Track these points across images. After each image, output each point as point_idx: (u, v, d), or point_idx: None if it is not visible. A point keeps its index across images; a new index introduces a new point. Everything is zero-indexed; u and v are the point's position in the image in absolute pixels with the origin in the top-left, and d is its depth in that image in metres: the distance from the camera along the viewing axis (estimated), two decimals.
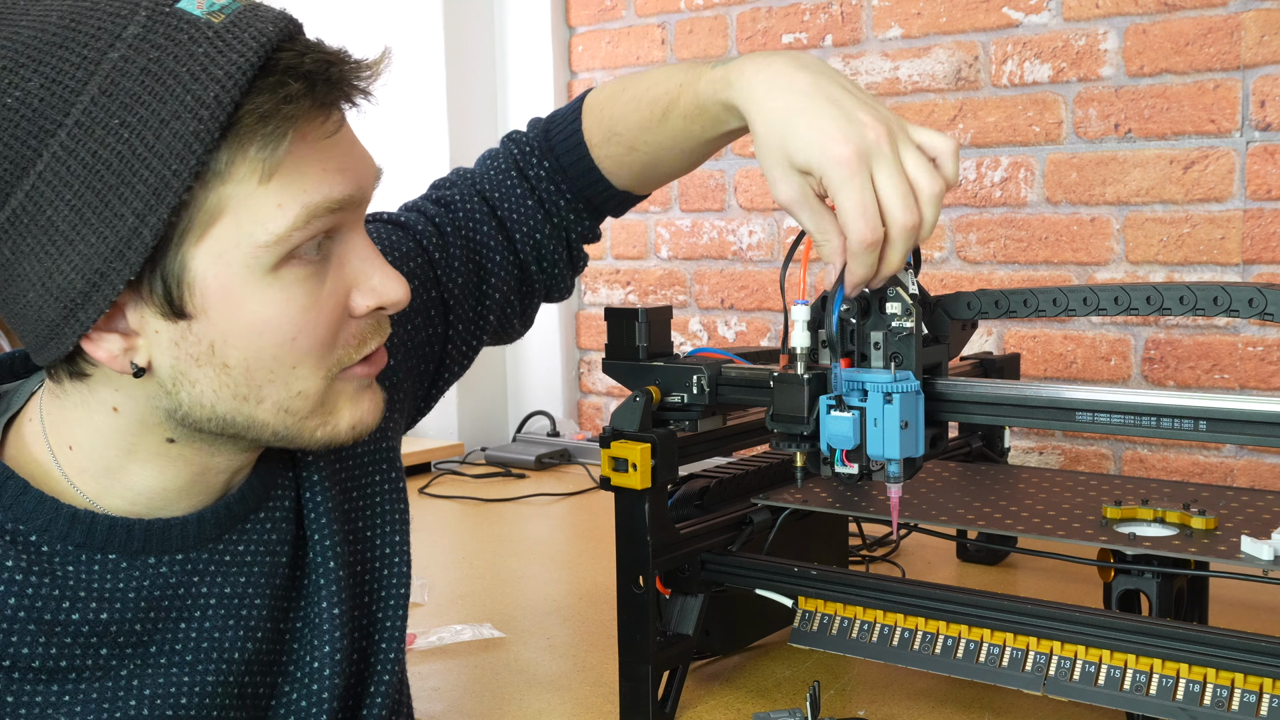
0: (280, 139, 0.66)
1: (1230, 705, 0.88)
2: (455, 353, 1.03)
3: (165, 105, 0.64)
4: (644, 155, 1.02)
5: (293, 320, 0.70)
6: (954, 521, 1.15)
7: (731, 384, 1.10)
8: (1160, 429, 0.89)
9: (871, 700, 1.13)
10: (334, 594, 0.84)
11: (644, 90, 0.99)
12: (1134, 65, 1.87)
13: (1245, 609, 1.32)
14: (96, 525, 0.73)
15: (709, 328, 2.40)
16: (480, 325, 1.04)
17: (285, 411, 0.72)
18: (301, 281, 0.70)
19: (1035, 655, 0.97)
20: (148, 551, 0.75)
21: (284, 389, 0.71)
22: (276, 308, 0.69)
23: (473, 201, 1.04)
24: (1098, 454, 1.97)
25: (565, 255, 1.08)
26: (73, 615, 0.71)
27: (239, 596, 0.79)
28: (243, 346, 0.69)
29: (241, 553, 0.80)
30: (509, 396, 2.63)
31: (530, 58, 2.55)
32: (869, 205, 0.85)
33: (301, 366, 0.71)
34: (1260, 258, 1.79)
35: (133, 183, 0.64)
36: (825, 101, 0.87)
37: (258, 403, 0.71)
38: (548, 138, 1.06)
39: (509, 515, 1.97)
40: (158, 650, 0.76)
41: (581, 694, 1.19)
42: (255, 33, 0.66)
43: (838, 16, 2.17)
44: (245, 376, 0.70)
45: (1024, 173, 1.99)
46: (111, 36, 0.65)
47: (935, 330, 0.99)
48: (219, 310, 0.68)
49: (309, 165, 0.68)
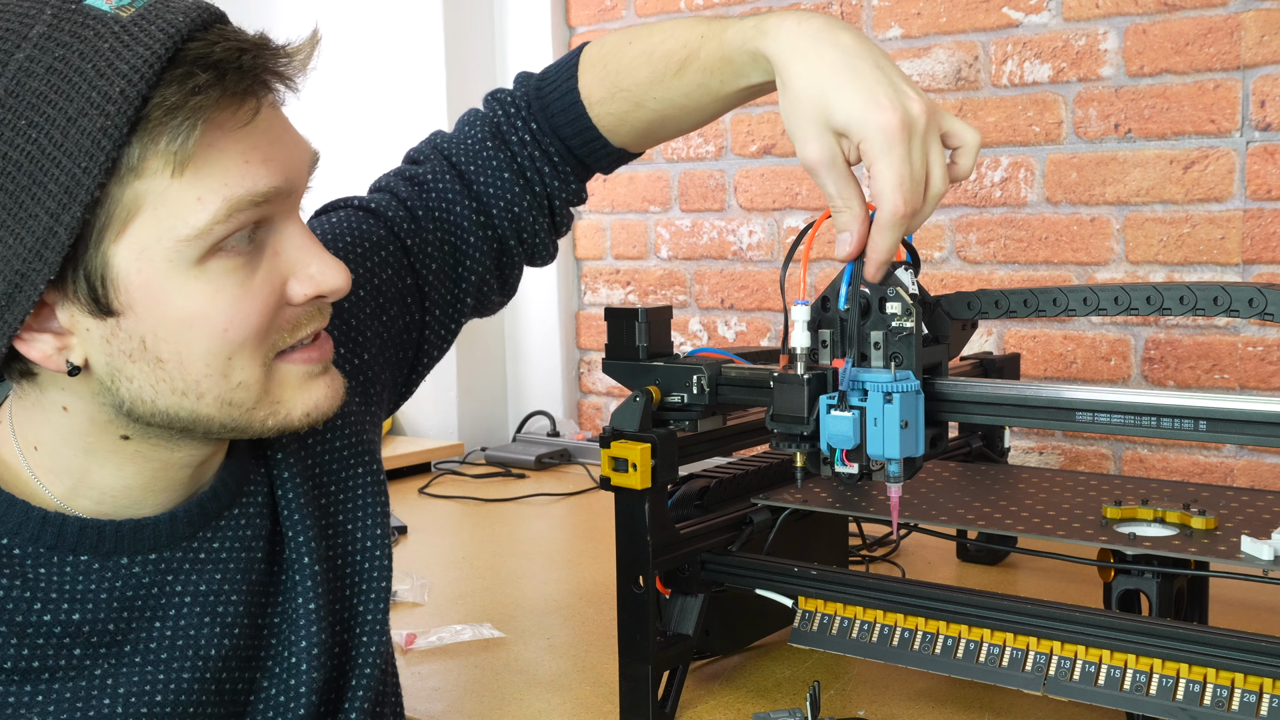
0: (190, 130, 0.65)
1: (1230, 705, 0.88)
2: (433, 337, 1.01)
3: (72, 103, 0.64)
4: (651, 112, 0.98)
5: (222, 312, 0.69)
6: (954, 521, 1.15)
7: (731, 384, 1.10)
8: (1160, 429, 0.89)
9: (871, 700, 1.13)
10: (310, 589, 0.83)
11: (657, 43, 0.96)
12: (1134, 65, 1.87)
13: (1245, 609, 1.32)
14: (67, 527, 0.73)
15: (709, 328, 2.40)
16: (457, 307, 1.02)
17: (229, 404, 0.72)
18: (230, 273, 0.69)
19: (1035, 655, 0.97)
20: (120, 552, 0.75)
21: (223, 382, 0.71)
22: (204, 300, 0.68)
23: (446, 179, 1.01)
24: (1098, 454, 1.97)
25: (548, 223, 1.05)
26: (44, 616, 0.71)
27: (215, 594, 0.79)
28: (173, 341, 0.69)
29: (216, 550, 0.80)
30: (509, 396, 2.63)
31: (530, 58, 2.55)
32: (907, 178, 0.82)
33: (237, 357, 0.70)
34: (1260, 258, 1.79)
35: (44, 182, 0.64)
36: (872, 66, 0.84)
37: (198, 398, 0.71)
38: (540, 95, 1.02)
39: (509, 515, 1.97)
40: (132, 649, 0.75)
41: (581, 694, 1.19)
42: (163, 24, 0.65)
43: (837, 17, 2.17)
44: (180, 371, 0.70)
45: (1024, 173, 1.99)
46: (18, 38, 0.65)
47: (935, 330, 0.99)
48: (145, 306, 0.68)
49: (227, 156, 0.67)
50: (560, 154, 1.02)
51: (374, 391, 0.95)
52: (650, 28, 0.98)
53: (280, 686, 0.83)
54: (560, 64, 1.02)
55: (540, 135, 1.02)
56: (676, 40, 0.95)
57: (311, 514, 0.85)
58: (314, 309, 0.75)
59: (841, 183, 0.86)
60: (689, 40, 0.94)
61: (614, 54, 0.98)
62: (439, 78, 2.48)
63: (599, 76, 0.99)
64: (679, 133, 1.02)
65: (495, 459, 2.33)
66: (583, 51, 1.01)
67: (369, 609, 0.89)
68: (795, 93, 0.86)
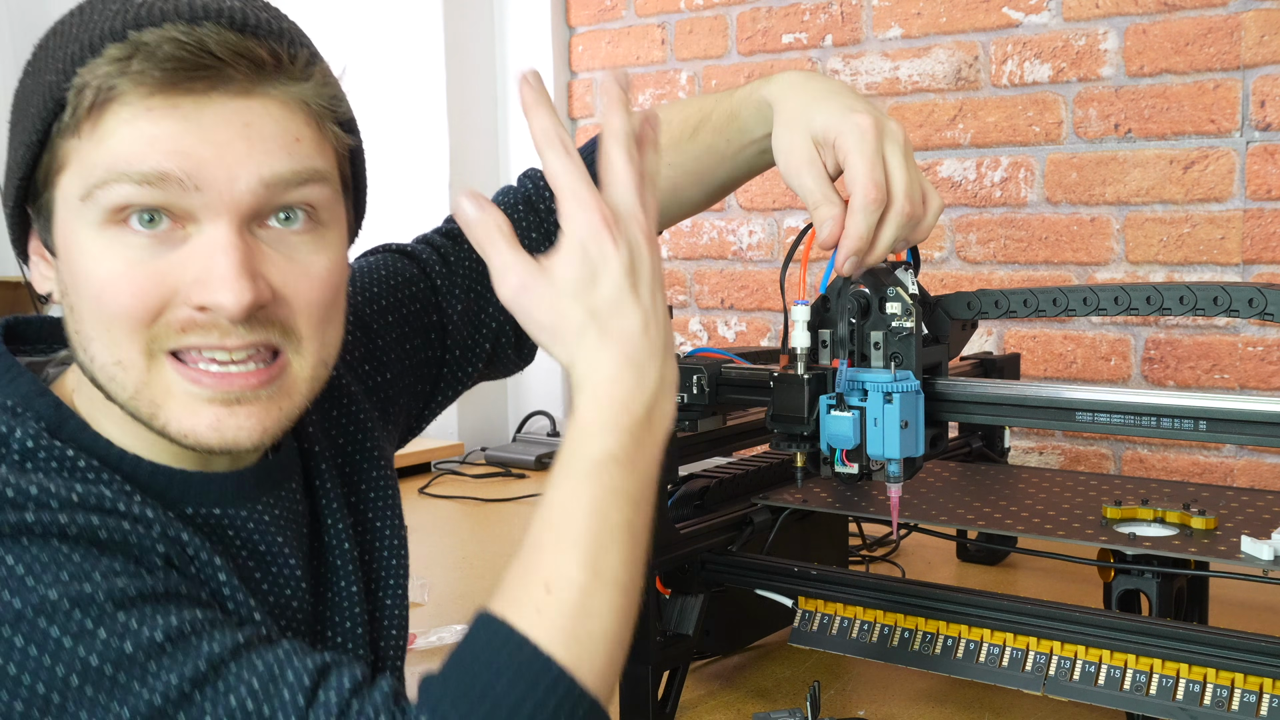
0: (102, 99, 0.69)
1: (1230, 705, 0.88)
2: (450, 377, 1.04)
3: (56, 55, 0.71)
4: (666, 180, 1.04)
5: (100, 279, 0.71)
6: (954, 521, 1.15)
7: (731, 384, 1.10)
8: (1160, 429, 0.89)
9: (871, 700, 1.13)
10: (350, 573, 0.86)
11: (675, 113, 1.04)
12: (1134, 65, 1.87)
13: (1245, 609, 1.32)
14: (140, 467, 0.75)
15: (709, 328, 2.40)
16: (476, 351, 1.05)
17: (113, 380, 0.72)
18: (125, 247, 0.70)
19: (1035, 655, 0.97)
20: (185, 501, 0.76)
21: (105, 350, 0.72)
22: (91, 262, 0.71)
23: None
24: (1098, 454, 1.97)
25: None
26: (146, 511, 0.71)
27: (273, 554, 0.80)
28: (74, 292, 0.73)
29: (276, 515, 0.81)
30: (509, 396, 2.63)
31: (530, 58, 2.55)
32: (878, 170, 0.88)
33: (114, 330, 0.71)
34: (1260, 258, 1.79)
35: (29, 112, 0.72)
36: (854, 95, 0.94)
37: (91, 359, 0.73)
38: None
39: (509, 515, 1.97)
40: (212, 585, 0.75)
41: None
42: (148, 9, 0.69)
43: (838, 16, 2.17)
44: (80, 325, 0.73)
45: (1024, 173, 1.99)
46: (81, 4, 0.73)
47: (935, 330, 0.99)
48: (63, 251, 0.73)
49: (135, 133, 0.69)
50: None
51: (392, 412, 0.98)
52: (673, 103, 1.08)
53: None
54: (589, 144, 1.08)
55: None
56: (693, 108, 1.03)
57: (345, 504, 0.88)
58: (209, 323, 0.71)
59: (820, 180, 0.92)
60: (703, 107, 1.03)
61: None
62: (439, 78, 2.48)
63: None
64: (689, 207, 1.09)
65: (495, 459, 2.33)
66: None
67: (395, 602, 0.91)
68: (784, 115, 0.94)
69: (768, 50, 2.27)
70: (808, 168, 0.92)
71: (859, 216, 0.89)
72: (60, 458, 0.71)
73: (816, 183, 0.92)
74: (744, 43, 2.29)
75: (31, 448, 0.70)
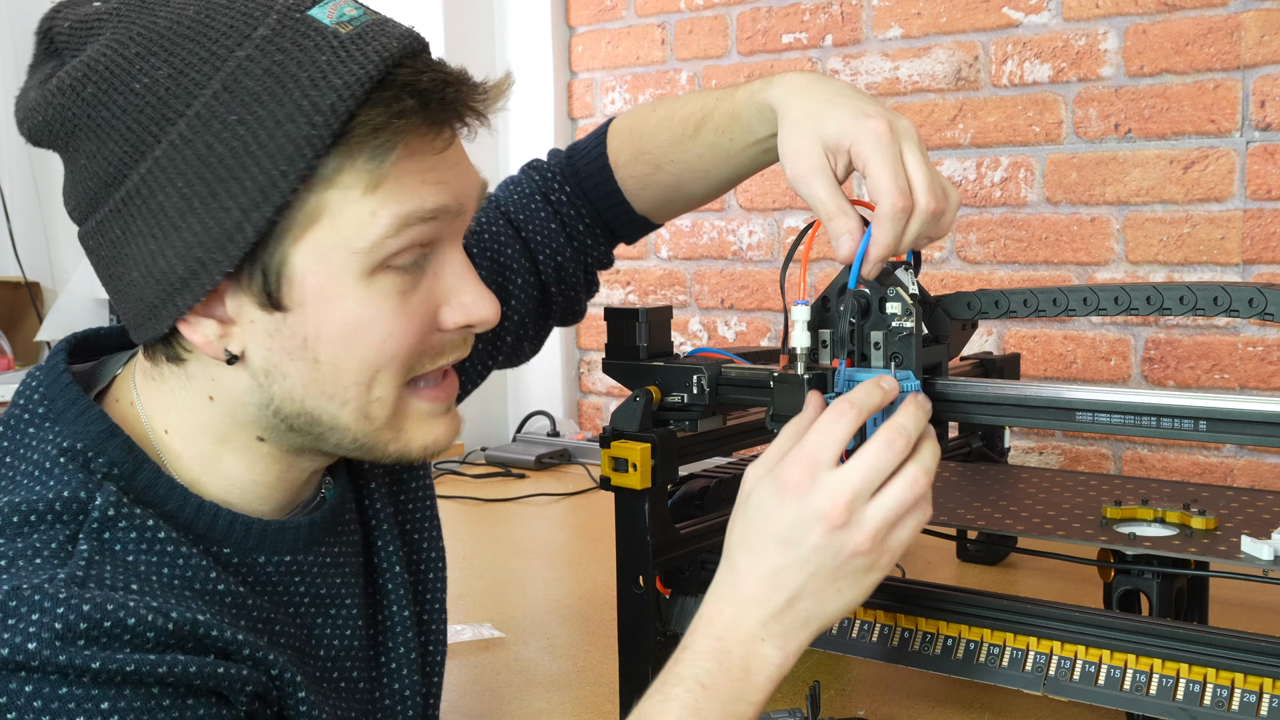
0: (389, 151, 0.67)
1: (1230, 705, 0.88)
2: (471, 370, 1.05)
3: (282, 107, 0.66)
4: (669, 174, 1.04)
5: (383, 325, 0.71)
6: (954, 521, 1.15)
7: (731, 384, 1.10)
8: (1160, 429, 0.89)
9: (871, 700, 1.13)
10: (402, 597, 0.87)
11: (677, 109, 1.03)
12: (1134, 65, 1.87)
13: (1245, 609, 1.32)
14: (219, 518, 0.74)
15: (709, 328, 2.40)
16: (497, 345, 1.06)
17: (365, 417, 0.73)
18: (396, 289, 0.71)
19: (1035, 655, 0.97)
20: (260, 550, 0.76)
21: (366, 393, 0.72)
22: (371, 310, 0.70)
23: (498, 224, 1.06)
24: (1098, 454, 1.97)
25: (583, 278, 1.11)
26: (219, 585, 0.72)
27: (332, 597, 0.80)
28: (334, 344, 0.71)
29: (337, 554, 0.81)
30: (509, 396, 2.63)
31: (530, 58, 2.55)
32: (901, 176, 0.86)
33: (385, 371, 0.72)
34: (1260, 258, 1.79)
35: (242, 178, 0.66)
36: (861, 95, 0.91)
37: (342, 404, 0.72)
38: (571, 162, 1.09)
39: (509, 515, 1.97)
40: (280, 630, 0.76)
41: (581, 694, 1.19)
42: (379, 46, 0.67)
43: (838, 16, 2.17)
44: (334, 375, 0.71)
45: (1024, 173, 1.99)
46: (241, 35, 0.67)
47: (935, 330, 0.99)
48: (315, 306, 0.70)
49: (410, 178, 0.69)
50: (591, 216, 1.09)
51: None
52: (676, 97, 1.07)
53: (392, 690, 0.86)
54: (590, 137, 1.10)
55: (574, 198, 1.08)
56: (694, 104, 1.02)
57: (395, 525, 0.89)
58: (459, 338, 0.76)
59: (832, 189, 0.89)
60: (705, 104, 1.01)
61: (640, 120, 1.06)
62: None
63: (625, 141, 1.06)
64: (693, 201, 1.09)
65: (495, 459, 2.33)
66: (611, 122, 1.09)
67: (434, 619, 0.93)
68: (790, 120, 0.91)
69: (768, 50, 2.27)
70: (818, 176, 0.89)
71: (887, 225, 0.86)
72: (140, 528, 0.70)
73: (829, 194, 0.89)
74: (744, 43, 2.29)
75: (113, 516, 0.69)
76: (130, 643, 0.63)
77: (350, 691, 0.82)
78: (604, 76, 2.50)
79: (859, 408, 0.80)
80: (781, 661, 0.79)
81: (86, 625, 0.62)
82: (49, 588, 0.62)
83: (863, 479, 0.78)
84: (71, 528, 0.68)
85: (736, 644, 0.78)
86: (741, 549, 0.80)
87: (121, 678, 0.63)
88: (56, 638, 0.61)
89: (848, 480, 0.78)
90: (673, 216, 1.12)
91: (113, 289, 0.72)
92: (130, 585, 0.67)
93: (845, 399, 0.81)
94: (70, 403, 0.73)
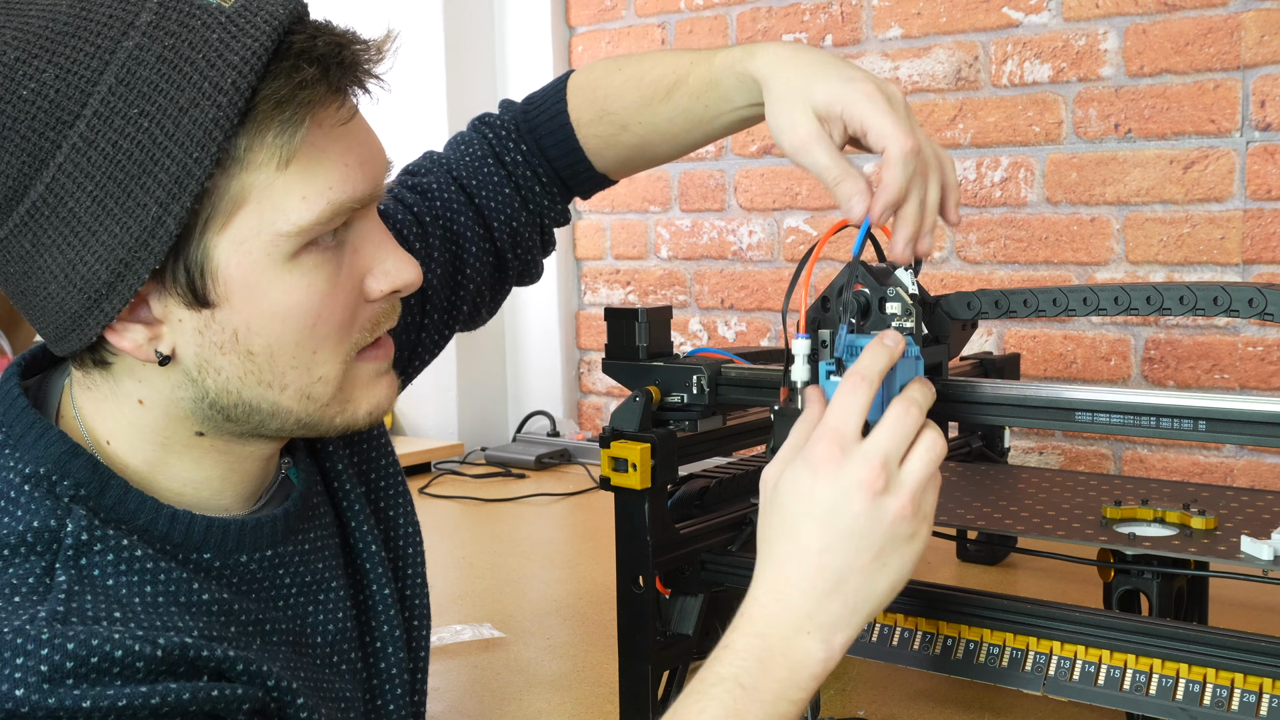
0: (298, 125, 0.66)
1: (1230, 705, 0.88)
2: (428, 341, 1.03)
3: (183, 93, 0.63)
4: (635, 136, 1.01)
5: (313, 306, 0.70)
6: (954, 521, 1.15)
7: (731, 384, 1.10)
8: (1160, 429, 0.89)
9: (871, 700, 1.13)
10: (381, 575, 0.86)
11: (647, 69, 0.99)
12: (1134, 65, 1.87)
13: (1245, 609, 1.32)
14: (195, 525, 0.72)
15: (709, 328, 2.40)
16: (453, 314, 1.04)
17: (307, 398, 0.72)
18: (319, 267, 0.70)
19: (1035, 655, 0.97)
20: (241, 550, 0.75)
21: (305, 374, 0.72)
22: (299, 294, 0.69)
23: (450, 190, 1.03)
24: (1098, 454, 1.97)
25: (538, 240, 1.08)
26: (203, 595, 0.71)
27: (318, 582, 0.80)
28: (266, 333, 0.69)
29: (314, 540, 0.81)
30: (509, 396, 2.63)
31: (530, 58, 2.55)
32: (902, 118, 0.85)
33: (321, 351, 0.71)
34: (1260, 258, 1.79)
35: (154, 171, 0.64)
36: (846, 63, 0.90)
37: (281, 389, 0.71)
38: (528, 118, 1.05)
39: (509, 515, 1.97)
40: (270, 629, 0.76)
41: (581, 694, 1.19)
42: (267, 16, 0.65)
43: (838, 16, 2.17)
44: (269, 363, 0.70)
45: (1024, 173, 1.99)
46: (124, 25, 0.64)
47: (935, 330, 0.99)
48: (241, 298, 0.68)
49: (329, 157, 0.69)
50: (548, 175, 1.06)
51: None
52: (640, 55, 1.02)
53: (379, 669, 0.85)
54: (547, 89, 1.06)
55: (530, 156, 1.05)
56: (666, 66, 0.98)
57: (366, 503, 0.88)
58: (389, 306, 0.76)
59: (833, 153, 0.87)
60: (678, 66, 0.97)
61: (604, 78, 1.02)
62: (439, 78, 2.48)
63: (588, 99, 1.03)
64: (657, 161, 1.06)
65: (495, 459, 2.33)
66: (570, 77, 1.05)
67: (417, 594, 0.92)
68: (778, 93, 0.89)
69: None
70: (816, 143, 0.87)
71: (897, 169, 0.84)
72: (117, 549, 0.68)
73: (831, 158, 0.86)
74: (744, 42, 2.29)
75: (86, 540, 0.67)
76: (120, 675, 0.62)
77: (351, 672, 0.82)
78: None
79: (869, 377, 0.78)
80: (826, 658, 0.75)
81: (73, 664, 0.60)
82: (30, 629, 0.61)
83: (892, 441, 0.76)
84: (47, 558, 0.66)
85: (779, 640, 0.74)
86: (780, 538, 0.77)
87: (115, 714, 0.61)
88: (44, 680, 0.59)
89: (879, 445, 0.76)
90: (633, 173, 1.09)
91: (26, 304, 0.69)
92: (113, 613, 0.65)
93: (854, 371, 0.79)
94: (28, 426, 0.70)
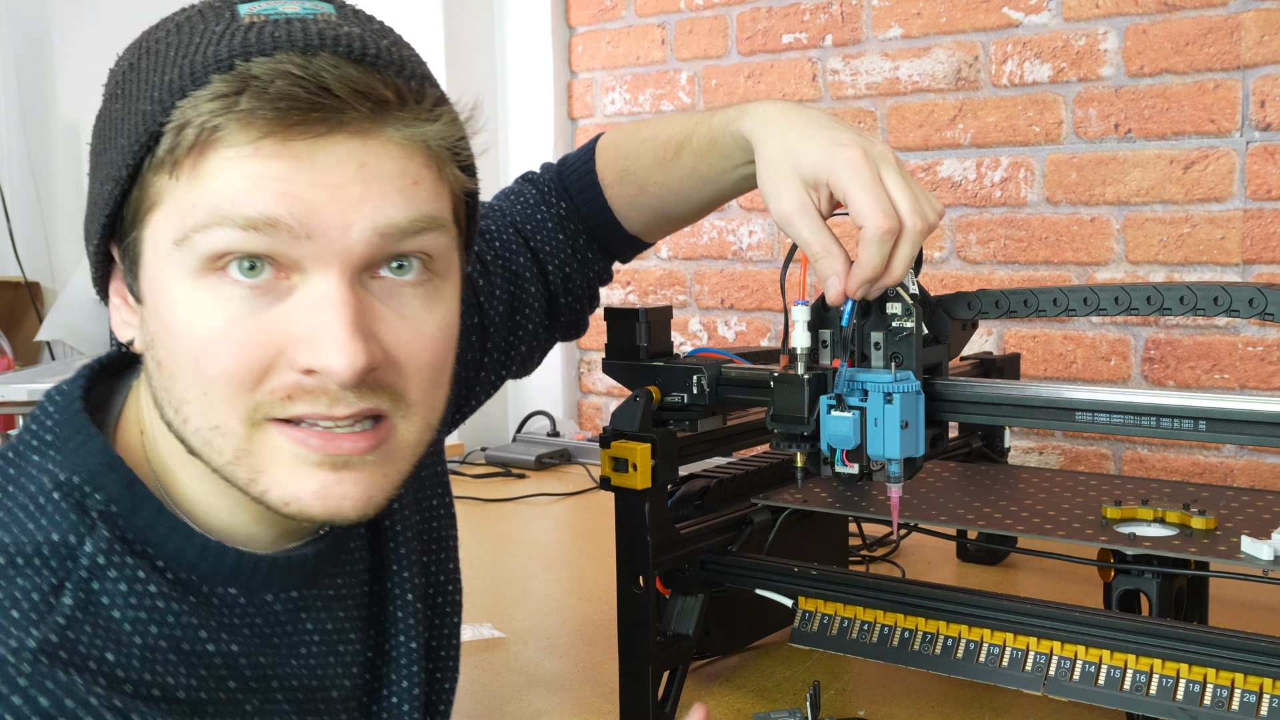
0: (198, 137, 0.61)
1: (1230, 705, 0.88)
2: (485, 380, 1.03)
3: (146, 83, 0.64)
4: (654, 196, 1.04)
5: (198, 338, 0.63)
6: (954, 521, 1.15)
7: (731, 384, 1.10)
8: (1160, 429, 0.89)
9: (871, 700, 1.13)
10: (411, 628, 0.81)
11: (660, 129, 1.02)
12: (1134, 65, 1.87)
13: (1245, 609, 1.32)
14: (225, 558, 0.68)
15: (709, 328, 2.40)
16: (511, 355, 1.04)
17: (208, 445, 0.65)
18: (224, 300, 0.62)
19: (1035, 655, 0.97)
20: (267, 588, 0.71)
21: (201, 416, 0.64)
22: (187, 316, 0.63)
23: (508, 233, 1.05)
24: (1098, 454, 1.97)
25: (587, 291, 1.10)
26: (208, 645, 0.67)
27: (337, 632, 0.75)
28: (165, 347, 0.65)
29: (340, 586, 0.76)
30: (509, 396, 2.63)
31: (530, 58, 2.55)
32: (882, 196, 0.86)
33: (213, 395, 0.63)
34: (1260, 258, 1.79)
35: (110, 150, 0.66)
36: (834, 124, 0.91)
37: (184, 421, 0.65)
38: (562, 178, 1.08)
39: (509, 515, 1.97)
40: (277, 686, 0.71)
41: (581, 694, 1.19)
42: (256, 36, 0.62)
43: (838, 16, 2.17)
44: (172, 383, 0.65)
45: (1024, 173, 1.99)
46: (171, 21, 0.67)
47: (935, 330, 0.99)
48: (151, 300, 0.65)
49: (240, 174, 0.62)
50: (587, 233, 1.08)
51: None
52: (656, 118, 1.07)
53: None
54: (578, 152, 1.09)
55: (570, 213, 1.07)
56: (675, 126, 1.01)
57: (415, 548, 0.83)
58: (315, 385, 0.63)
59: (817, 227, 0.89)
60: (685, 126, 1.01)
61: (624, 139, 1.05)
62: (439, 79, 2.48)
63: (611, 159, 1.06)
64: (681, 221, 1.08)
65: (495, 459, 2.33)
66: (600, 138, 1.08)
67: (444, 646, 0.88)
68: (766, 156, 0.92)
69: (768, 50, 2.27)
70: (801, 215, 0.89)
71: (873, 248, 0.86)
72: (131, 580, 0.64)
73: (814, 233, 0.88)
74: (744, 43, 2.29)
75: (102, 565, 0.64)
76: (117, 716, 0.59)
77: None
78: (604, 76, 2.50)
79: None
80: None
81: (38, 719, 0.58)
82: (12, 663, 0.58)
83: None
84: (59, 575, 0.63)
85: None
86: None
87: None
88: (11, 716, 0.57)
89: None
90: (663, 236, 1.11)
91: None
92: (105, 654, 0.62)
93: None
94: (75, 430, 0.68)
